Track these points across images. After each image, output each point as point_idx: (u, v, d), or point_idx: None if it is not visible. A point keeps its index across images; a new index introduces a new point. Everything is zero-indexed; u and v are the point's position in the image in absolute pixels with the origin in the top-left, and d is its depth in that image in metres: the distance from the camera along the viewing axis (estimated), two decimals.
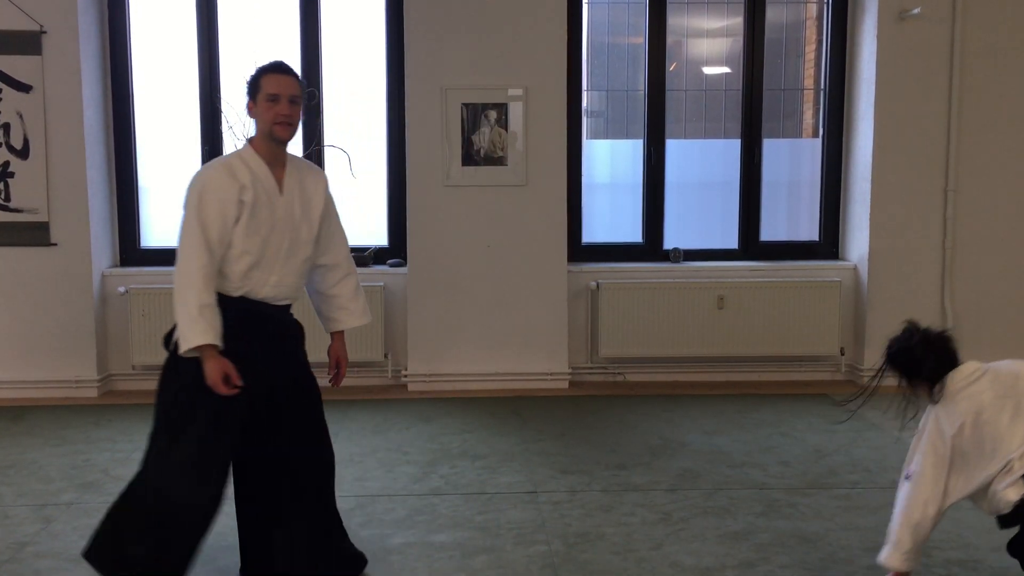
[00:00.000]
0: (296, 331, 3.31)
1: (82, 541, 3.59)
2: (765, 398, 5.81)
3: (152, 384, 6.16)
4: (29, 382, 5.89)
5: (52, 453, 4.75)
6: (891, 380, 3.22)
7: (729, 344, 6.14)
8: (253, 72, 3.18)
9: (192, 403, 3.05)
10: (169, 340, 3.17)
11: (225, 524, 3.39)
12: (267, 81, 3.13)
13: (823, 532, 3.70)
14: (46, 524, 3.82)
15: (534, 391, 5.96)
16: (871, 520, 3.81)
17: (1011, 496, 2.85)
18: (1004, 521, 2.96)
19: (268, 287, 3.14)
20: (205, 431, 3.06)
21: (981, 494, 2.97)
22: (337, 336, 3.41)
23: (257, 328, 3.14)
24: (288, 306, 3.26)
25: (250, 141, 3.20)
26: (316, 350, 3.46)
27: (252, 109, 3.16)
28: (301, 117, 3.21)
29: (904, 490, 3.03)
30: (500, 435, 5.04)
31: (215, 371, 2.99)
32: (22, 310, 5.87)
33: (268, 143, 3.14)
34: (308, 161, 3.42)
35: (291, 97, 3.12)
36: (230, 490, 3.22)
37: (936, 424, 3.03)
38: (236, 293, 3.11)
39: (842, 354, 6.25)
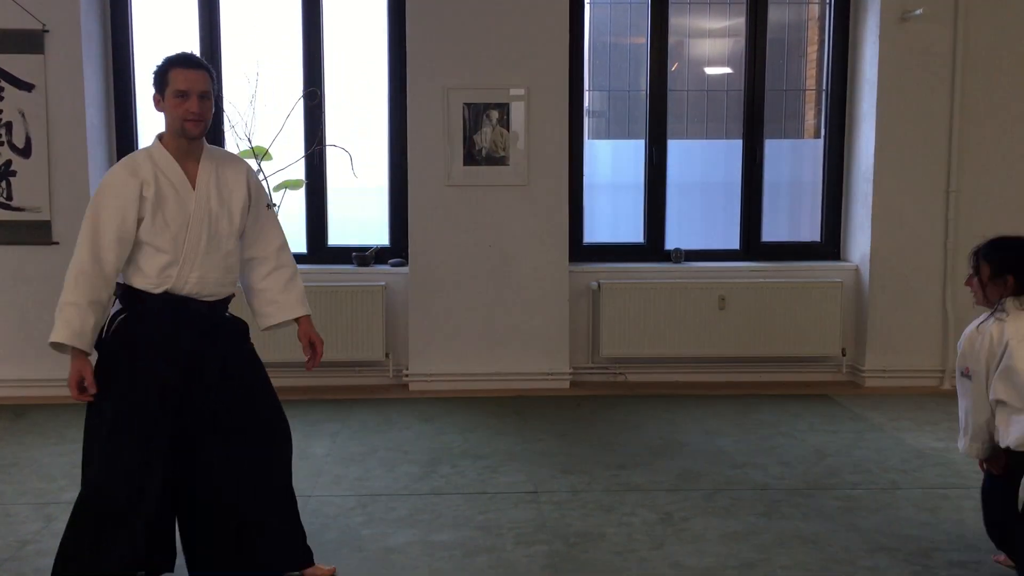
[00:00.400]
0: (231, 326, 3.21)
1: None
2: (766, 398, 5.81)
3: None
4: (31, 380, 5.89)
5: (54, 451, 4.75)
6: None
7: (730, 344, 6.14)
8: (160, 63, 3.08)
9: (102, 398, 3.00)
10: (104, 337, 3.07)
11: None
12: (175, 76, 3.02)
13: (824, 533, 3.70)
14: (47, 522, 3.82)
15: (535, 391, 5.96)
16: (872, 521, 3.81)
17: None
18: None
19: (190, 284, 3.05)
20: (115, 426, 2.99)
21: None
22: (301, 321, 3.31)
23: (181, 324, 3.05)
24: (218, 301, 3.15)
25: (159, 136, 3.11)
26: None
27: (159, 103, 3.05)
28: (213, 110, 3.10)
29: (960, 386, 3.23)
30: (501, 435, 5.04)
31: (72, 373, 2.94)
32: (24, 308, 5.87)
33: (177, 139, 3.05)
34: (228, 152, 3.30)
35: (201, 93, 3.02)
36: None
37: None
38: (157, 290, 3.02)
39: (843, 355, 6.25)
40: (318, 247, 6.27)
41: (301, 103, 6.12)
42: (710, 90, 6.56)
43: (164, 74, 3.04)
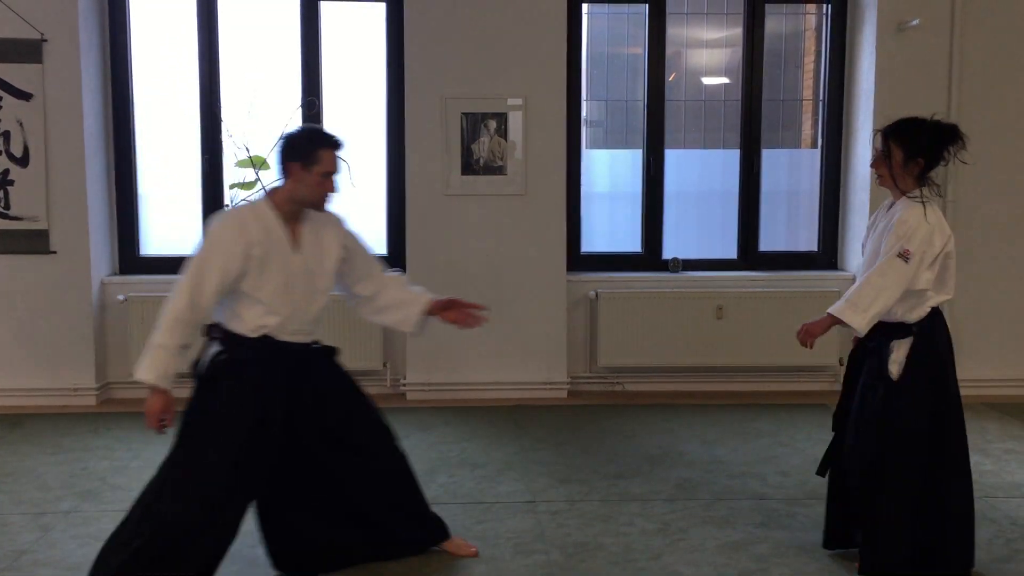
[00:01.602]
0: (320, 356, 3.43)
1: (80, 549, 3.60)
2: (764, 408, 5.81)
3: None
4: (27, 390, 5.88)
5: (50, 461, 4.74)
6: None
7: (728, 354, 6.13)
8: (308, 135, 3.28)
9: (217, 432, 3.17)
10: (196, 366, 3.27)
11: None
12: (326, 157, 3.22)
13: (822, 542, 3.70)
14: (44, 532, 3.81)
15: (533, 400, 5.96)
16: None
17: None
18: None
19: (285, 332, 3.26)
20: (208, 462, 3.16)
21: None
22: (434, 308, 3.51)
23: (276, 364, 3.25)
24: (309, 343, 3.37)
25: (270, 194, 3.28)
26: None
27: (296, 172, 3.21)
28: None
29: (890, 267, 3.25)
30: (499, 444, 5.04)
31: (154, 406, 3.10)
32: (21, 317, 5.86)
33: (295, 205, 3.25)
34: (326, 212, 3.40)
35: (338, 172, 3.27)
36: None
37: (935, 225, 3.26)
38: (255, 335, 3.22)
39: (841, 364, 6.24)
40: None
41: (299, 112, 6.12)
42: (707, 100, 6.57)
43: (314, 152, 3.20)
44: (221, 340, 3.23)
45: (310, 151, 3.20)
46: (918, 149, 3.32)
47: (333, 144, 3.25)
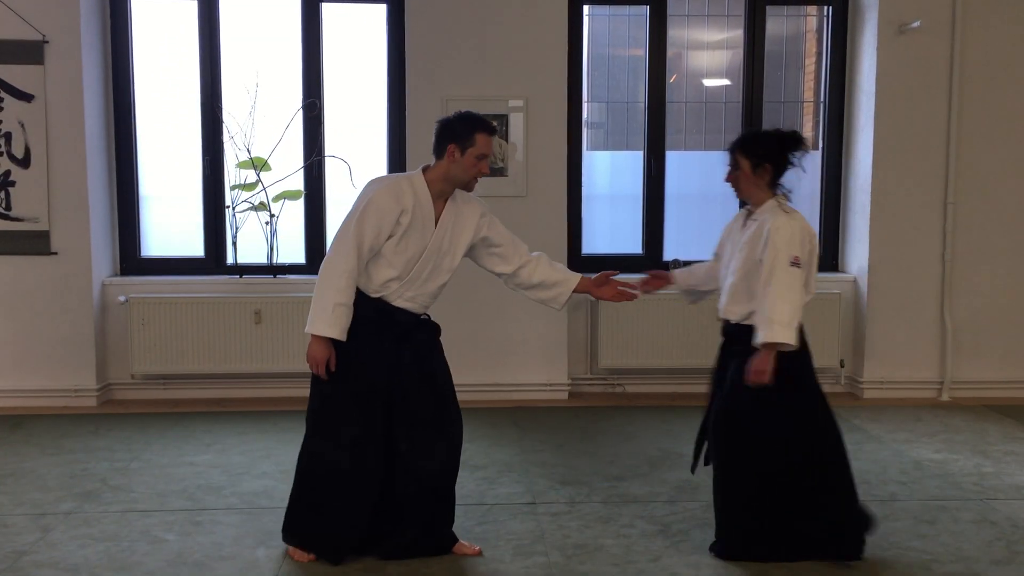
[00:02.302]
0: (425, 330, 3.59)
1: (81, 550, 3.61)
2: None
3: (151, 393, 6.20)
4: (28, 391, 5.89)
5: (51, 462, 4.74)
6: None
7: None
8: (465, 120, 3.46)
9: (342, 396, 3.44)
10: None
11: None
12: (482, 140, 3.43)
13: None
14: (44, 533, 3.81)
15: (533, 402, 5.96)
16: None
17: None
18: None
19: (403, 299, 3.47)
20: (342, 409, 3.45)
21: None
22: (581, 286, 3.72)
23: (386, 329, 3.46)
24: (419, 316, 3.56)
25: (425, 169, 3.49)
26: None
27: (453, 153, 3.42)
28: None
29: (780, 280, 3.38)
30: (499, 446, 5.04)
31: (321, 354, 3.37)
32: (22, 319, 5.87)
33: (447, 184, 3.46)
34: (468, 194, 3.59)
35: (491, 156, 3.51)
36: None
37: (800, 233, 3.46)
38: (374, 295, 3.45)
39: (842, 366, 6.25)
40: (317, 258, 6.26)
41: (300, 114, 6.13)
42: (708, 102, 6.57)
43: (472, 134, 3.43)
44: None
45: (468, 134, 3.41)
46: (763, 156, 3.50)
47: (489, 129, 3.47)
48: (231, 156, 6.12)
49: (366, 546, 3.55)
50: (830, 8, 6.34)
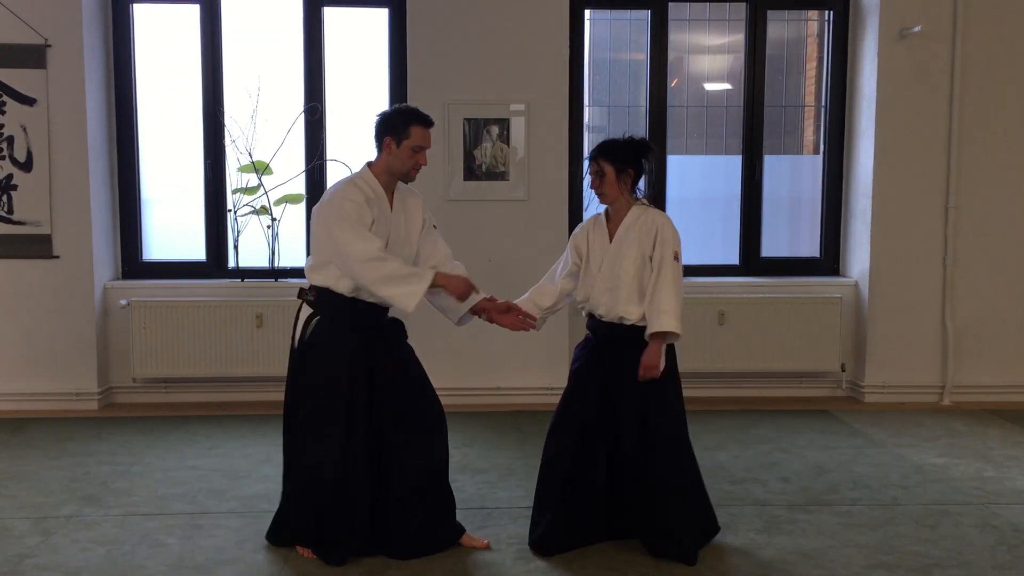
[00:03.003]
0: (393, 327, 3.72)
1: (82, 554, 3.61)
2: (766, 414, 5.81)
3: (153, 397, 6.20)
4: (30, 394, 5.89)
5: (52, 465, 4.75)
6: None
7: (730, 360, 6.14)
8: (401, 113, 3.56)
9: (327, 395, 3.50)
10: (301, 338, 3.59)
11: None
12: (417, 132, 3.53)
13: (824, 549, 3.70)
14: (46, 537, 3.81)
15: (535, 406, 5.96)
16: (872, 537, 3.81)
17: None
18: None
19: (375, 296, 3.50)
20: (326, 415, 3.50)
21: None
22: (480, 306, 3.70)
23: (359, 328, 3.56)
24: (386, 309, 3.64)
25: (369, 165, 3.63)
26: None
27: (389, 145, 3.54)
28: None
29: (669, 272, 3.57)
30: (500, 450, 5.04)
31: (462, 285, 3.56)
32: (24, 322, 5.88)
33: (391, 177, 3.59)
34: (408, 187, 3.71)
35: (427, 148, 3.58)
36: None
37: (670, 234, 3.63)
38: (350, 294, 3.52)
39: (843, 370, 6.25)
40: None
41: (302, 118, 6.14)
42: (710, 106, 6.58)
43: (405, 127, 3.53)
44: (314, 301, 3.55)
45: (403, 126, 3.52)
46: (625, 162, 3.66)
47: (424, 121, 3.56)
48: (233, 160, 6.13)
49: (371, 546, 3.58)
50: (831, 13, 6.35)
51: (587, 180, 3.80)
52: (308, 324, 3.56)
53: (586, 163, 3.81)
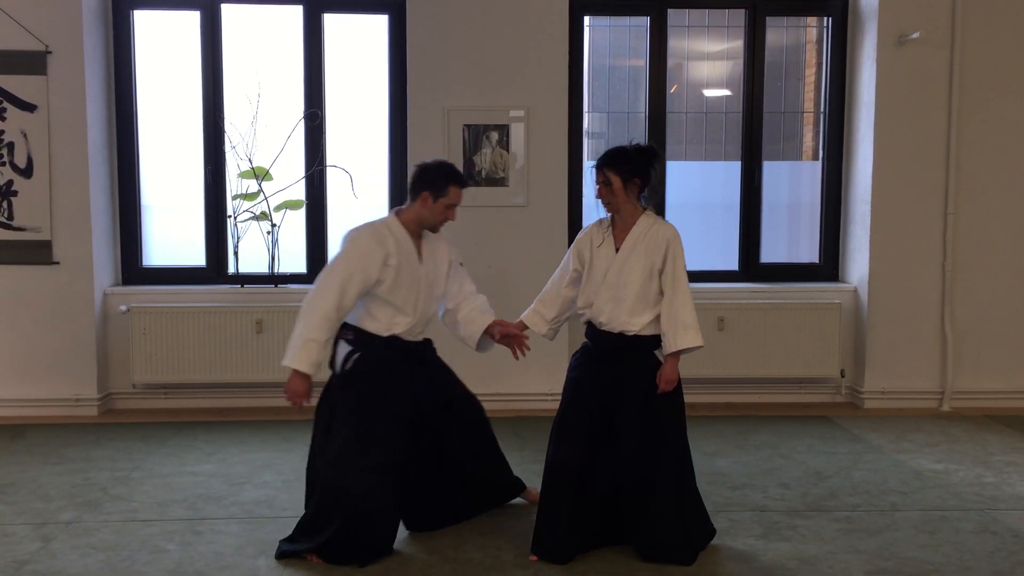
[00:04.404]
0: (429, 350, 3.96)
1: (82, 560, 3.61)
2: (765, 420, 5.81)
3: (152, 403, 6.19)
4: (29, 400, 5.89)
5: (52, 471, 4.75)
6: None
7: (729, 365, 6.14)
8: (443, 172, 3.77)
9: (371, 418, 3.66)
10: (334, 362, 3.79)
11: None
12: (455, 193, 3.76)
13: (823, 555, 3.70)
14: (45, 543, 3.81)
15: (535, 411, 5.96)
16: (871, 543, 3.81)
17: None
18: None
19: (411, 334, 3.80)
20: (364, 439, 3.63)
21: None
22: (492, 328, 3.94)
23: (400, 358, 3.77)
24: (424, 340, 3.93)
25: (398, 213, 3.81)
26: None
27: (427, 199, 3.74)
28: None
29: (685, 287, 3.67)
30: None
31: (298, 388, 3.62)
32: (23, 328, 5.88)
33: (418, 226, 3.79)
34: (435, 233, 3.93)
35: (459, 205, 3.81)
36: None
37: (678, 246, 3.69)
38: (385, 334, 3.74)
39: (842, 376, 6.26)
40: (318, 268, 6.25)
41: (302, 124, 6.15)
42: (709, 112, 6.59)
43: (445, 186, 3.75)
44: (353, 340, 3.73)
45: (443, 185, 3.73)
46: (632, 171, 3.66)
47: (462, 182, 3.81)
48: (233, 166, 6.14)
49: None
50: (830, 19, 6.37)
51: (586, 188, 3.81)
52: (348, 359, 3.73)
53: (590, 171, 3.83)
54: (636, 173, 3.66)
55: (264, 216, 6.12)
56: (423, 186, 3.75)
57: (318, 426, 3.77)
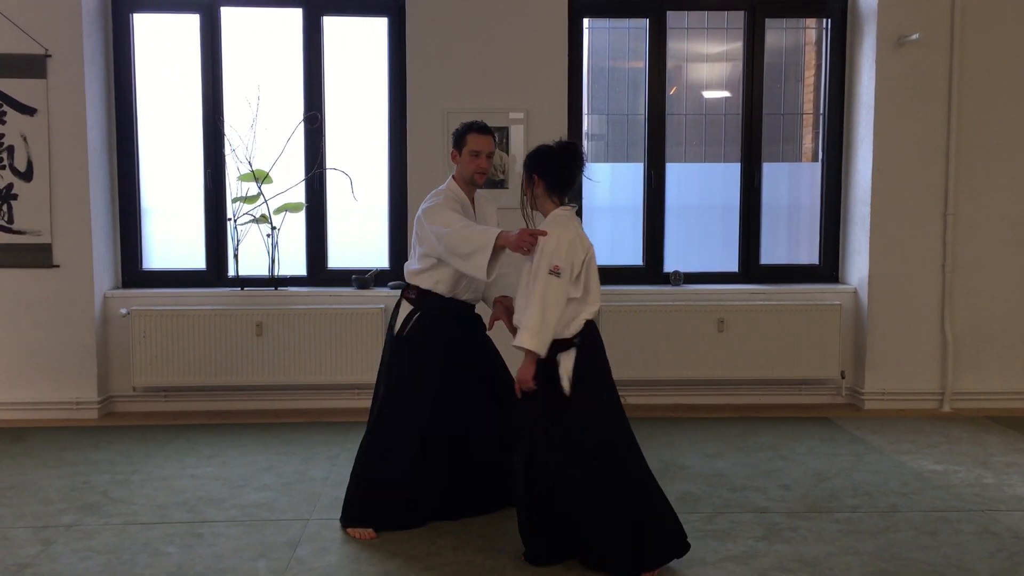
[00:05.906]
0: (477, 319, 4.15)
1: (82, 563, 3.61)
2: (766, 421, 5.81)
3: (152, 406, 6.19)
4: (29, 403, 5.89)
5: (52, 474, 4.75)
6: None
7: (729, 367, 6.14)
8: (462, 126, 3.95)
9: (416, 380, 3.90)
10: (394, 326, 3.98)
11: None
12: (472, 139, 3.91)
13: (824, 556, 3.70)
14: (46, 546, 3.81)
15: None
16: (872, 544, 3.81)
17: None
18: None
19: (469, 292, 4.02)
20: (417, 396, 3.89)
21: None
22: (497, 311, 4.05)
23: (455, 321, 3.99)
24: (474, 305, 4.11)
25: (453, 177, 4.01)
26: None
27: (456, 157, 3.95)
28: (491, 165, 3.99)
29: (544, 283, 3.46)
30: None
31: (517, 239, 3.58)
32: (23, 331, 5.88)
33: (465, 184, 3.98)
34: (484, 194, 4.16)
35: (488, 153, 3.94)
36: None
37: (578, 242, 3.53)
38: (448, 295, 3.95)
39: (843, 377, 6.26)
40: (318, 270, 6.29)
41: (302, 126, 6.16)
42: (708, 114, 6.59)
43: (463, 136, 3.93)
44: (415, 299, 3.95)
45: (461, 136, 3.93)
46: (531, 168, 3.60)
47: (478, 128, 3.93)
48: (233, 169, 6.14)
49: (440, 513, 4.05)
50: (829, 21, 6.37)
51: (585, 190, 3.76)
52: (408, 320, 3.93)
53: (589, 174, 3.87)
54: (534, 170, 3.59)
55: (264, 219, 6.13)
56: (453, 146, 3.97)
57: (377, 390, 4.06)
